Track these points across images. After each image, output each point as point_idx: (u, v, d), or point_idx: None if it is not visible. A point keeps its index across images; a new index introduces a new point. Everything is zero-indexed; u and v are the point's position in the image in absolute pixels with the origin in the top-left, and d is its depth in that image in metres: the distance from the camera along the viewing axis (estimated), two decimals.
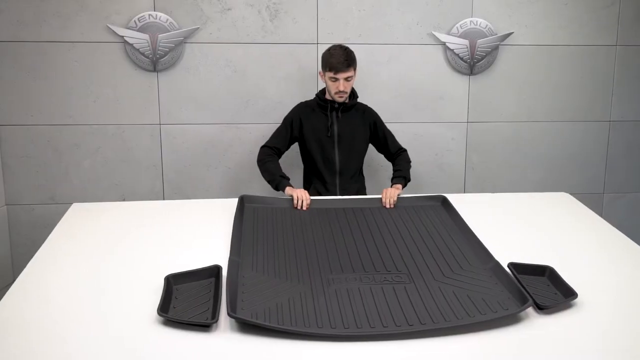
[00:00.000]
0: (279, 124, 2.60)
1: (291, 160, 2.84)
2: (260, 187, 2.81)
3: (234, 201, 2.15)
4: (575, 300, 1.54)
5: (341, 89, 2.39)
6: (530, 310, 1.48)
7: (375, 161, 3.01)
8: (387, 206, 2.17)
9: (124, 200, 2.95)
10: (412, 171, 2.58)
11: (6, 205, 2.91)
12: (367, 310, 1.47)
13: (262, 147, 2.53)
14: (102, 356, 1.28)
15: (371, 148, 2.70)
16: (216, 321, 1.40)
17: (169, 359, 1.28)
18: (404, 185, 2.45)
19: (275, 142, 2.53)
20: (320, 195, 2.51)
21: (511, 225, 2.12)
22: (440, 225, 2.02)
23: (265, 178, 2.46)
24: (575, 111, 3.14)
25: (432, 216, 2.10)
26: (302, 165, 2.69)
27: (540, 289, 1.62)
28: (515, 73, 3.06)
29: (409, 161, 2.60)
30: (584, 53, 3.07)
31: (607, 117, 3.15)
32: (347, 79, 2.39)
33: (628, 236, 1.99)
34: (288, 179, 2.39)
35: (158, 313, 1.41)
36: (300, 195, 2.16)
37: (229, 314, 1.38)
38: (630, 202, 3.25)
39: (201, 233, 1.98)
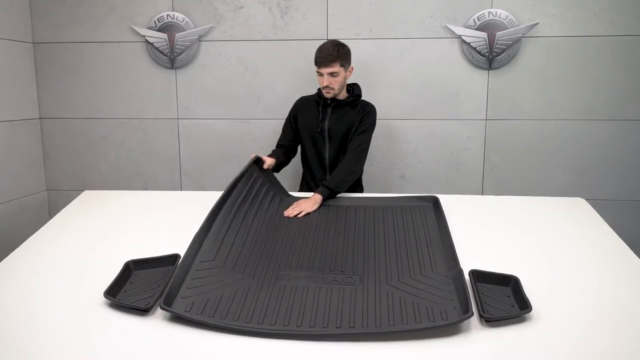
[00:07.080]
0: None
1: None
2: None
3: None
4: (530, 314, 1.42)
5: (324, 84, 2.35)
6: (476, 322, 1.39)
7: (376, 157, 2.95)
8: (285, 214, 2.02)
9: (145, 189, 3.15)
10: (424, 169, 2.41)
11: (47, 190, 3.24)
12: (301, 309, 1.45)
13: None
14: (41, 332, 1.38)
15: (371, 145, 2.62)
16: (152, 306, 1.47)
17: (104, 340, 1.35)
18: (326, 198, 2.15)
19: (282, 139, 2.58)
20: (310, 190, 2.51)
21: (506, 231, 1.96)
22: (421, 228, 1.94)
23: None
24: (612, 109, 2.83)
25: (417, 218, 2.02)
26: None
27: (498, 300, 1.52)
28: (540, 67, 2.82)
29: (351, 171, 2.29)
30: (622, 44, 2.76)
31: None
32: (332, 75, 2.34)
33: None
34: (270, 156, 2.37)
35: (104, 295, 1.52)
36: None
37: (160, 306, 1.44)
38: None
39: (195, 223, 1.98)
